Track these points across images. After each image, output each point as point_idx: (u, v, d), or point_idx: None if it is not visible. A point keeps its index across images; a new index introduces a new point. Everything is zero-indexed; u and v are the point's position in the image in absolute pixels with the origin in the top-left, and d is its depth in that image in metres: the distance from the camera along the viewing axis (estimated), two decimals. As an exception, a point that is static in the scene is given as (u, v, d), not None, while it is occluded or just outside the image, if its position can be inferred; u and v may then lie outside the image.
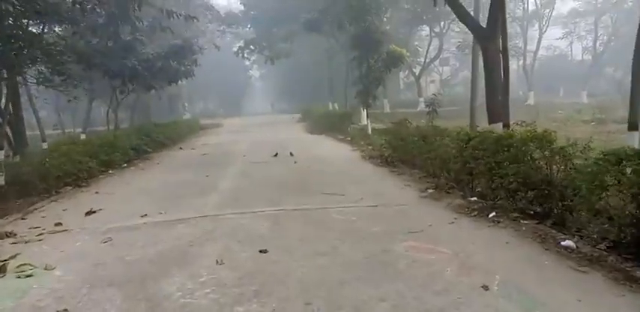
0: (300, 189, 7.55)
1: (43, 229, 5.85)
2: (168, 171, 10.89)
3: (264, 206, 6.29)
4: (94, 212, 6.71)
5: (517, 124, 6.46)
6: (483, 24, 10.58)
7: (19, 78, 15.50)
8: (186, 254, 4.44)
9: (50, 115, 39.64)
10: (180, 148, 16.24)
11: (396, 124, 10.98)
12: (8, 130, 14.36)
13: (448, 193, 6.67)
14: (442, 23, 36.23)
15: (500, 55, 10.71)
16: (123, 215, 6.38)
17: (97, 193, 8.43)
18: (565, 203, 4.89)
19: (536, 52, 39.25)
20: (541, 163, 5.29)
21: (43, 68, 16.23)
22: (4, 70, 14.56)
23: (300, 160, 11.10)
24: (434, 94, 15.19)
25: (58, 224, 6.09)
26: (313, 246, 4.47)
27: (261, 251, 4.36)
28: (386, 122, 23.20)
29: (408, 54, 20.13)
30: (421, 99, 37.96)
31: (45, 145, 17.01)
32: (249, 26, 32.04)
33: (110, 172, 11.11)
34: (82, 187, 9.18)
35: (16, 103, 14.51)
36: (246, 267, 3.97)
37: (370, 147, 13.40)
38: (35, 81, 15.91)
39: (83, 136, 23.46)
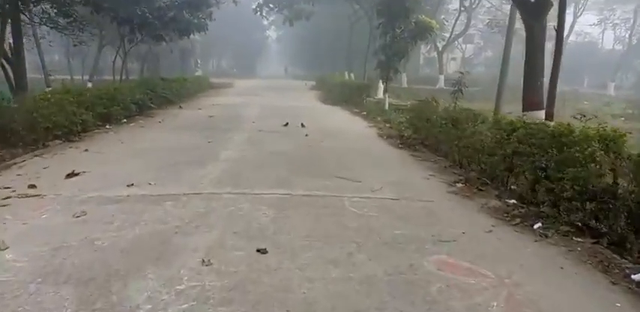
0: (311, 168, 6.69)
1: (13, 191, 5.07)
2: (169, 131, 10.04)
3: (269, 187, 5.46)
4: (77, 175, 5.92)
5: (575, 117, 5.49)
6: None
7: (22, 17, 14.57)
8: (168, 245, 3.64)
9: (61, 60, 38.58)
10: (180, 107, 15.30)
11: (421, 102, 9.98)
12: (9, 70, 13.54)
13: (480, 190, 5.80)
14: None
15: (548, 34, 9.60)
16: (107, 182, 5.58)
17: (86, 150, 7.63)
18: (632, 222, 4.03)
19: (567, 38, 37.29)
20: (606, 169, 4.39)
21: (48, 7, 15.20)
22: (7, 6, 13.60)
23: (311, 132, 10.19)
24: (460, 72, 14.02)
25: (32, 186, 5.30)
26: (323, 249, 3.65)
27: (259, 251, 3.55)
28: (403, 98, 22.10)
29: (437, 25, 18.72)
30: (441, 76, 36.52)
31: (48, 89, 16.17)
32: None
33: (107, 127, 10.30)
34: (73, 142, 8.40)
35: (18, 44, 13.54)
36: (239, 273, 3.17)
37: (388, 125, 12.44)
38: (39, 21, 14.98)
39: (89, 85, 22.66)
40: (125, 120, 11.43)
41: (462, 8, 34.91)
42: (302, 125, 11.18)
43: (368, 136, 10.28)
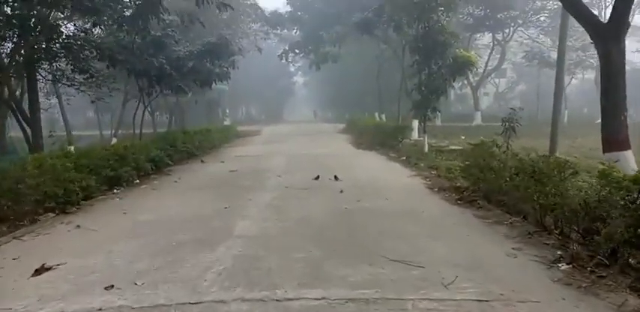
0: (351, 244, 5.08)
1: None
2: (183, 193, 8.69)
3: (297, 285, 3.87)
4: (48, 269, 4.51)
5: None
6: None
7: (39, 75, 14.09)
8: None
9: (92, 116, 39.18)
10: (202, 161, 14.13)
11: (476, 146, 8.35)
12: (28, 130, 12.84)
13: (600, 277, 4.03)
14: (506, 30, 32.91)
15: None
16: (81, 282, 4.13)
17: (78, 227, 6.29)
18: None
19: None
20: None
21: (63, 65, 14.72)
22: (22, 65, 13.11)
23: (347, 187, 8.65)
24: (512, 108, 12.36)
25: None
26: None
27: None
28: (440, 137, 20.38)
29: (477, 59, 17.39)
30: (478, 112, 34.88)
31: (72, 149, 15.41)
32: (295, 30, 30.02)
33: (115, 191, 9.06)
34: (68, 214, 7.13)
35: (34, 102, 12.93)
36: None
37: (434, 172, 10.80)
38: (53, 78, 14.47)
39: (114, 140, 22.13)
40: (138, 180, 10.24)
41: (495, 42, 33.61)
42: (335, 178, 9.69)
43: (415, 190, 8.63)
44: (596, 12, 30.76)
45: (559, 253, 4.66)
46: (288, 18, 26.98)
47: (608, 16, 8.17)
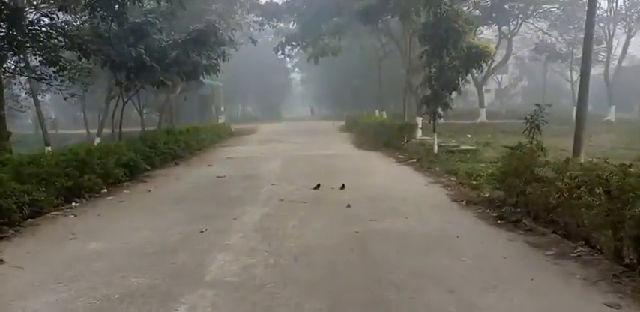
0: (371, 296, 3.53)
1: None
2: (153, 209, 7.10)
3: None
4: None
5: None
6: None
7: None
8: None
9: (77, 115, 37.38)
10: (187, 165, 12.52)
11: (515, 152, 6.79)
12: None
13: None
14: (514, 21, 31.22)
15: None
16: None
17: (1, 261, 4.71)
18: None
19: (620, 59, 33.85)
20: None
21: (31, 57, 13.12)
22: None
23: (354, 200, 7.09)
24: (537, 104, 10.80)
25: None
26: None
27: None
28: (444, 136, 18.77)
29: (494, 51, 15.85)
30: (482, 109, 33.35)
31: (48, 149, 13.79)
32: (292, 21, 28.28)
33: (73, 205, 7.47)
34: (3, 240, 5.54)
35: (-3, 100, 11.37)
36: None
37: (453, 178, 9.25)
38: (15, 71, 12.85)
39: (98, 141, 20.49)
40: (105, 190, 8.65)
41: (501, 35, 31.97)
42: (343, 187, 8.14)
43: (438, 203, 7.05)
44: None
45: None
46: (285, 8, 25.26)
47: None
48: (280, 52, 27.11)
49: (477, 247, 4.78)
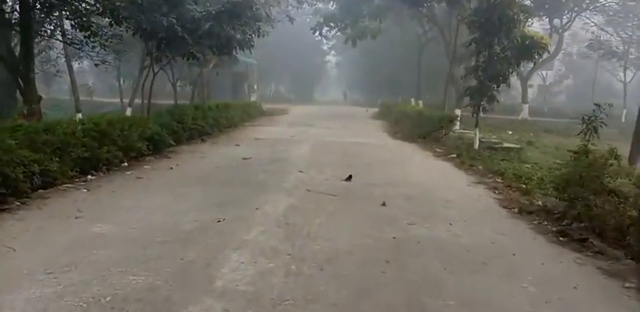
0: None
1: None
2: (173, 189, 6.54)
3: None
4: None
5: None
6: None
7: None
8: None
9: (114, 83, 37.46)
10: (214, 142, 12.00)
11: (581, 158, 5.90)
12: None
13: None
14: (567, 14, 29.27)
15: None
16: None
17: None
18: None
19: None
20: None
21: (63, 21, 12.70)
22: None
23: (389, 196, 6.36)
24: (596, 104, 9.73)
25: None
26: None
27: None
28: (484, 130, 17.62)
29: (550, 42, 14.58)
30: (525, 106, 31.78)
31: (79, 116, 13.53)
32: (331, 2, 27.17)
33: (89, 178, 7.01)
34: (2, 212, 5.09)
35: (29, 61, 11.00)
36: None
37: (499, 179, 8.39)
38: (47, 34, 12.47)
39: (129, 111, 20.26)
40: (126, 164, 8.18)
41: (552, 29, 30.07)
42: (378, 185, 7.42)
43: (485, 208, 6.26)
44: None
45: None
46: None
47: None
48: (318, 33, 26.13)
49: (540, 270, 4.00)
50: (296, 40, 49.37)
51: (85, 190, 6.28)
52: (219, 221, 4.92)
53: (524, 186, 7.56)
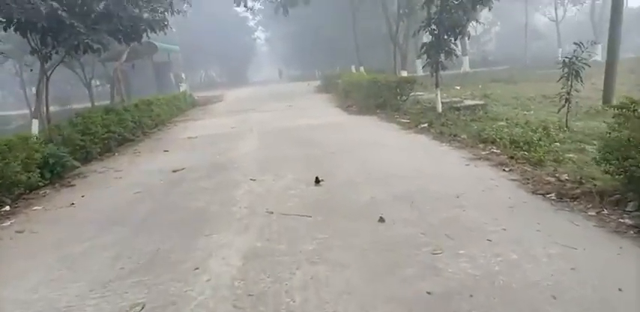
0: None
1: None
2: (63, 251, 4.35)
3: None
4: None
5: None
6: None
7: None
8: None
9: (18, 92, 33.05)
10: (136, 152, 9.70)
11: (630, 115, 4.27)
12: None
13: None
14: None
15: None
16: None
17: None
18: None
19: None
20: None
21: None
22: None
23: (382, 203, 4.55)
24: (577, 44, 8.33)
25: None
26: None
27: None
28: (430, 89, 15.98)
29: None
30: (466, 58, 30.94)
31: None
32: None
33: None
34: None
35: None
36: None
37: (495, 149, 6.78)
38: None
39: (36, 125, 17.10)
40: (8, 207, 5.86)
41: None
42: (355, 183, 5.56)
43: (514, 202, 4.52)
44: None
45: None
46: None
47: None
48: (243, 5, 23.44)
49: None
50: (220, 21, 46.08)
51: None
52: (133, 312, 2.91)
53: (530, 154, 6.00)
